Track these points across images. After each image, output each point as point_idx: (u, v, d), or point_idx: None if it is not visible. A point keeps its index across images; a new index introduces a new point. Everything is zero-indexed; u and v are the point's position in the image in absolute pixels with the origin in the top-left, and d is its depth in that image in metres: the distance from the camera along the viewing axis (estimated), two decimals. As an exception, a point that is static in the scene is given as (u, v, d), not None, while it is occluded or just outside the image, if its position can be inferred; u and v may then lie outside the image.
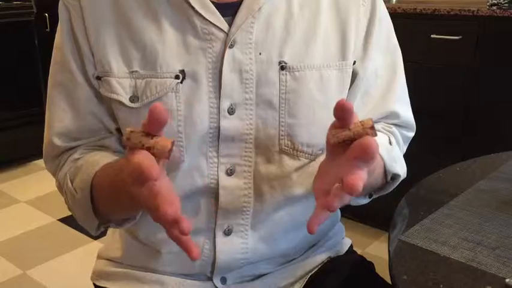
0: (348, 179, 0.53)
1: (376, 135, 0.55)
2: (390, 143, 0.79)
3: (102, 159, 0.74)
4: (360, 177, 0.53)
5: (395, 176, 0.77)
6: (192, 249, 0.56)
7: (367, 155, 0.53)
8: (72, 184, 0.75)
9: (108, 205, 0.73)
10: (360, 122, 0.56)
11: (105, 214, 0.74)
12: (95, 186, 0.72)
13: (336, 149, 0.58)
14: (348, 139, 0.56)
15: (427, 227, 0.77)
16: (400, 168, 0.77)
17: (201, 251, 0.78)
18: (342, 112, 0.56)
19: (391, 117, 0.82)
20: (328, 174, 0.59)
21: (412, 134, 0.88)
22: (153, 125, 0.53)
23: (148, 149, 0.53)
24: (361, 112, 0.79)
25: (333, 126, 0.58)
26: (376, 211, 1.68)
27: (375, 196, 0.80)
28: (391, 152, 0.76)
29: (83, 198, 0.73)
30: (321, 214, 0.57)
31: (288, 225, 0.80)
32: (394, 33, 0.83)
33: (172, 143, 0.54)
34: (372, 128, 0.55)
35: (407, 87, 0.86)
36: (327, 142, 0.59)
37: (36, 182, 2.87)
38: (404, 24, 1.95)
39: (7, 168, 3.02)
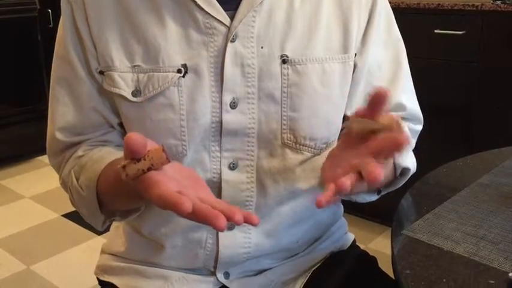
0: (371, 168, 0.52)
1: (403, 132, 0.54)
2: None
3: (107, 155, 0.74)
4: (382, 169, 0.53)
5: (404, 171, 0.76)
6: (217, 217, 0.49)
7: (397, 149, 0.53)
8: (77, 182, 0.75)
9: (115, 201, 0.73)
10: (388, 116, 0.55)
11: (111, 208, 0.75)
12: (101, 184, 0.72)
13: (352, 138, 0.57)
14: (372, 130, 0.55)
15: (430, 222, 0.77)
16: (410, 162, 0.76)
17: (204, 246, 0.78)
18: (378, 99, 0.55)
19: (398, 109, 0.81)
20: (340, 162, 0.58)
21: (420, 127, 0.86)
22: (135, 153, 0.52)
23: (149, 169, 0.53)
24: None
25: (356, 115, 0.58)
26: (379, 206, 1.67)
27: (383, 192, 0.80)
28: None
29: (89, 196, 0.73)
30: (330, 195, 0.54)
31: (291, 219, 0.80)
32: (395, 25, 0.83)
33: (163, 149, 0.53)
34: (400, 125, 0.55)
35: (410, 82, 0.85)
36: (347, 129, 0.58)
37: (40, 178, 2.87)
38: (408, 19, 1.95)
39: (11, 164, 3.03)
